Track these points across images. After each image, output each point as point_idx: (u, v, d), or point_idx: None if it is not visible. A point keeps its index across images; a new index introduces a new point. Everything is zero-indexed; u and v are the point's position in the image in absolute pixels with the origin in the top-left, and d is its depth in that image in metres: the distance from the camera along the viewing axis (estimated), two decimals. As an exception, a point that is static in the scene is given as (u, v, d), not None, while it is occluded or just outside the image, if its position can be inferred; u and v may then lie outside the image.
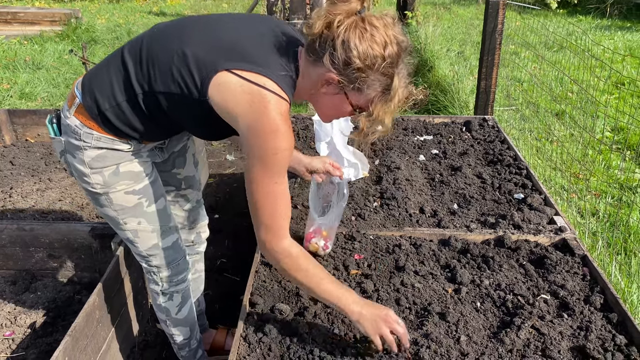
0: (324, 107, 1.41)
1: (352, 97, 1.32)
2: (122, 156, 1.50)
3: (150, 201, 1.59)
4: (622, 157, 3.83)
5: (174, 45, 1.36)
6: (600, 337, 1.59)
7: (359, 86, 1.29)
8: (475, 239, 2.06)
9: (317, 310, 1.70)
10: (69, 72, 6.18)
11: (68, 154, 1.51)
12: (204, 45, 1.33)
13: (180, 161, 1.79)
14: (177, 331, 1.82)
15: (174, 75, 1.33)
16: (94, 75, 1.48)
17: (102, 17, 9.72)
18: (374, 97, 1.31)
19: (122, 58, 1.43)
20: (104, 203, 1.55)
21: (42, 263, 2.25)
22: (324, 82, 1.31)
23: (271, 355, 1.55)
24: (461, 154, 2.80)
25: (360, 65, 1.24)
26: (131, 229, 1.60)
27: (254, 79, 1.26)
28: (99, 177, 1.50)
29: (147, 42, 1.41)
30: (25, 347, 1.98)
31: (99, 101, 1.43)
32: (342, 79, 1.28)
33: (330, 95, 1.35)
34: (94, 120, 1.44)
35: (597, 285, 1.80)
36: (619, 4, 9.41)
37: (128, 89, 1.41)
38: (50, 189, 2.86)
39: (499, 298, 1.76)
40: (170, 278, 1.73)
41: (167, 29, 1.44)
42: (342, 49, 1.24)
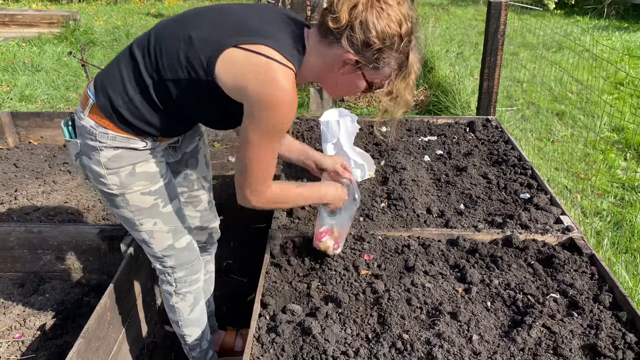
0: (338, 85, 1.42)
1: (369, 75, 1.35)
2: (138, 156, 1.50)
3: (165, 202, 1.60)
4: (623, 157, 3.86)
5: (180, 32, 1.37)
6: (611, 335, 1.60)
7: (377, 65, 1.32)
8: (483, 238, 2.07)
9: (329, 310, 1.70)
10: (68, 75, 6.17)
11: (84, 155, 1.51)
12: (208, 28, 1.34)
13: (193, 162, 1.80)
14: (188, 332, 1.83)
15: (180, 60, 1.34)
16: (106, 74, 1.49)
17: (100, 19, 9.71)
18: (390, 74, 1.34)
19: (130, 52, 1.45)
20: (120, 204, 1.55)
21: (50, 265, 2.25)
22: (341, 64, 1.33)
23: (284, 355, 1.55)
24: (466, 155, 2.81)
25: (380, 46, 1.27)
26: (147, 230, 1.61)
27: (259, 50, 1.28)
28: (115, 177, 1.50)
29: (155, 33, 1.43)
30: (35, 349, 1.98)
31: (112, 98, 1.44)
32: (360, 59, 1.31)
33: (347, 75, 1.37)
34: (109, 119, 1.45)
35: (606, 284, 1.82)
36: (616, 4, 9.46)
37: (139, 82, 1.42)
38: (56, 191, 2.86)
39: (509, 297, 1.77)
40: (184, 278, 1.74)
41: (173, 20, 1.46)
42: (360, 30, 1.27)
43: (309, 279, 1.87)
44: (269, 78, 1.26)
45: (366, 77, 1.36)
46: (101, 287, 2.25)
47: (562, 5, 9.71)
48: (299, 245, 2.05)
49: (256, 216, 3.17)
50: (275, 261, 1.97)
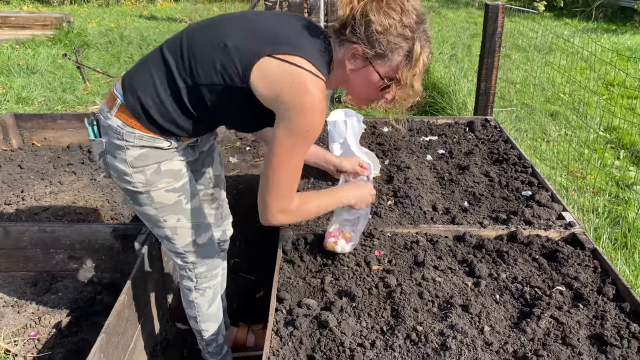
0: (356, 86, 1.47)
1: (378, 66, 1.40)
2: (163, 155, 1.54)
3: (188, 198, 1.64)
4: (616, 156, 3.95)
5: (214, 38, 1.42)
6: (616, 325, 1.66)
7: (382, 51, 1.37)
8: (489, 234, 2.13)
9: (343, 304, 1.75)
10: (64, 77, 6.17)
11: (108, 154, 1.54)
12: (243, 36, 1.40)
13: (209, 160, 1.84)
14: (206, 327, 1.87)
15: (216, 66, 1.39)
16: (134, 75, 1.53)
17: (93, 21, 9.69)
18: (399, 64, 1.38)
19: (162, 55, 1.48)
20: (144, 202, 1.59)
21: (63, 264, 2.28)
22: (349, 57, 1.40)
23: (302, 348, 1.60)
24: (467, 154, 2.88)
25: (379, 28, 1.34)
26: (170, 226, 1.64)
27: (292, 60, 1.34)
28: (141, 176, 1.53)
29: (187, 38, 1.47)
30: (51, 347, 2.01)
31: (142, 99, 1.47)
32: (365, 49, 1.37)
33: (358, 71, 1.42)
34: (137, 119, 1.49)
35: (608, 276, 1.89)
36: (604, 7, 9.63)
37: (171, 85, 1.46)
38: (63, 191, 2.88)
39: (516, 290, 1.83)
40: (205, 274, 1.78)
41: (204, 26, 1.50)
42: (361, 19, 1.35)
43: (322, 274, 1.92)
44: (302, 87, 1.33)
45: (376, 69, 1.40)
46: (114, 285, 2.28)
47: (552, 8, 9.87)
48: (310, 242, 2.10)
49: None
50: (288, 258, 2.01)
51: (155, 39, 8.08)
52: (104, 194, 2.89)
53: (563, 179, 3.53)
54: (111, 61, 7.01)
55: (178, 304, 2.46)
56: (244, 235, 3.00)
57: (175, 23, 9.42)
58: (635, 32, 8.23)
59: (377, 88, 1.45)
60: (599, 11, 9.47)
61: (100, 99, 5.59)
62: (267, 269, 2.59)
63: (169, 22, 9.66)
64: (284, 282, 1.88)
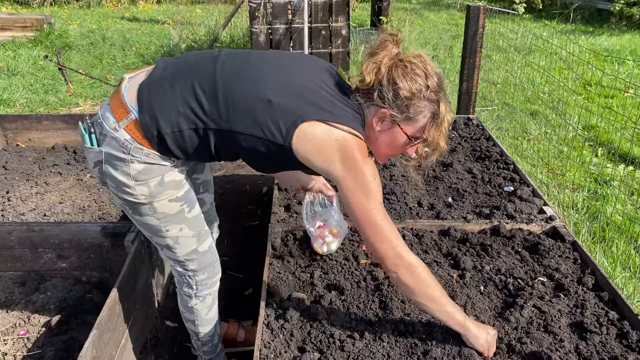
0: (382, 145, 1.52)
1: (406, 127, 1.46)
2: (166, 169, 1.52)
3: (190, 207, 1.62)
4: (594, 153, 4.05)
5: (255, 89, 1.42)
6: (595, 313, 1.73)
7: (410, 115, 1.43)
8: (473, 228, 2.19)
9: (333, 297, 1.79)
10: (46, 78, 6.12)
11: (107, 164, 1.49)
12: (285, 94, 1.42)
13: (200, 167, 1.86)
14: (203, 330, 1.87)
15: (257, 120, 1.40)
16: (156, 95, 1.45)
17: (74, 22, 9.60)
18: (425, 124, 1.45)
19: (193, 89, 1.43)
20: (146, 212, 1.55)
21: (51, 264, 2.28)
22: (378, 120, 1.46)
23: (293, 340, 1.63)
24: (450, 151, 2.94)
25: (407, 94, 1.40)
26: (172, 236, 1.62)
27: (336, 126, 1.39)
28: (144, 188, 1.50)
29: (223, 80, 1.43)
30: (41, 345, 2.01)
31: (161, 124, 1.43)
32: (393, 112, 1.43)
33: (386, 131, 1.48)
34: (148, 140, 1.45)
35: (588, 267, 1.95)
36: (582, 9, 9.81)
37: (197, 121, 1.43)
38: (49, 192, 2.87)
39: (500, 282, 1.89)
40: (205, 281, 1.77)
41: (240, 69, 1.47)
42: (388, 85, 1.41)
43: (311, 269, 1.96)
44: (350, 150, 1.39)
45: (404, 130, 1.46)
46: (103, 284, 2.29)
47: (531, 10, 10.03)
48: (299, 238, 2.14)
49: (249, 214, 3.23)
50: (278, 253, 2.05)
51: (137, 41, 8.04)
52: (91, 193, 2.89)
53: (543, 176, 3.61)
54: (94, 63, 6.96)
55: (167, 302, 2.48)
56: (232, 234, 3.02)
57: (158, 25, 9.37)
58: (612, 33, 8.41)
59: (402, 146, 1.51)
60: (577, 13, 9.64)
61: (84, 100, 5.56)
62: (256, 267, 2.61)
63: (152, 23, 9.60)
64: (274, 277, 1.91)
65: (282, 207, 2.35)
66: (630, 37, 8.23)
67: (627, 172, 3.68)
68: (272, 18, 5.20)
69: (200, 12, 10.22)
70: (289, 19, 5.22)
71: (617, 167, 3.71)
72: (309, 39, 5.23)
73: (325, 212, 2.03)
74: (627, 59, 6.59)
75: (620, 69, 6.34)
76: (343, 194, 1.44)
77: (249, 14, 5.21)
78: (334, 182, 1.47)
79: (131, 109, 1.45)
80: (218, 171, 3.95)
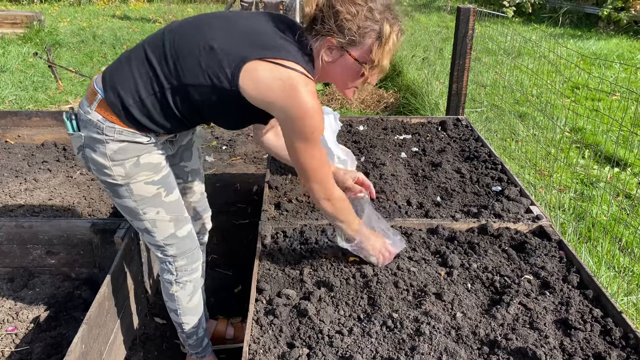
0: (338, 76, 1.54)
1: (353, 52, 1.47)
2: (142, 148, 1.57)
3: (168, 191, 1.66)
4: (581, 155, 4.11)
5: (199, 40, 1.45)
6: (579, 310, 1.76)
7: (354, 38, 1.44)
8: (461, 227, 2.22)
9: (322, 294, 1.81)
10: (35, 75, 6.08)
11: (87, 148, 1.56)
12: (227, 38, 1.44)
13: (187, 154, 1.87)
14: (186, 320, 1.89)
15: (202, 67, 1.43)
16: (115, 72, 1.54)
17: (64, 20, 9.55)
18: (371, 46, 1.45)
19: (144, 54, 1.50)
20: (123, 194, 1.61)
21: (40, 260, 2.27)
22: (326, 50, 1.47)
23: (282, 336, 1.65)
24: (439, 151, 2.97)
25: (348, 16, 1.41)
26: (150, 219, 1.66)
27: (280, 63, 1.40)
28: (120, 169, 1.56)
29: (169, 38, 1.49)
30: (30, 342, 2.01)
31: (123, 97, 1.49)
32: (338, 39, 1.44)
33: (337, 62, 1.49)
34: (117, 115, 1.51)
35: (573, 266, 1.99)
36: (570, 13, 9.93)
37: (154, 84, 1.48)
38: (39, 188, 2.86)
39: (487, 279, 1.91)
40: (185, 267, 1.80)
41: (186, 25, 1.53)
42: (329, 11, 1.43)
43: (300, 266, 1.97)
44: (293, 90, 1.40)
45: (352, 55, 1.47)
46: (92, 280, 2.29)
47: (520, 14, 10.13)
48: (289, 235, 2.15)
49: (239, 213, 3.24)
50: (267, 250, 2.06)
51: (128, 39, 8.02)
52: (81, 190, 2.88)
53: (531, 177, 3.66)
54: (84, 60, 6.93)
55: (156, 299, 2.48)
56: (221, 231, 3.03)
57: (149, 23, 9.34)
58: (600, 37, 8.52)
59: (357, 73, 1.51)
60: (566, 17, 9.75)
61: (74, 98, 5.53)
62: (245, 265, 2.63)
63: (143, 22, 9.58)
64: (263, 274, 1.92)
65: (273, 204, 2.36)
66: (618, 41, 8.34)
67: (612, 173, 3.74)
68: (264, 18, 5.21)
69: (192, 11, 10.21)
70: (281, 19, 5.23)
71: (603, 168, 3.76)
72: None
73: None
74: (615, 62, 6.67)
75: (607, 73, 6.42)
76: (284, 131, 1.48)
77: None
78: (278, 121, 1.49)
79: (98, 90, 1.54)
80: (208, 169, 3.96)
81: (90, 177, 3.05)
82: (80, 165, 3.15)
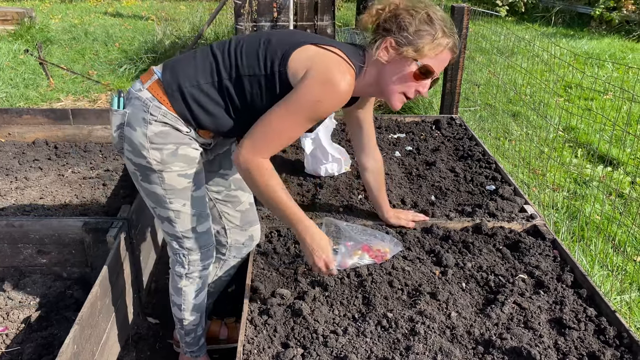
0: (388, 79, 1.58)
1: (408, 52, 1.53)
2: (182, 138, 1.60)
3: (197, 187, 1.69)
4: (573, 154, 4.12)
5: (260, 37, 1.59)
6: (574, 310, 1.76)
7: (411, 38, 1.52)
8: (455, 226, 2.21)
9: (316, 294, 1.80)
10: (27, 72, 6.02)
11: (128, 126, 1.59)
12: (286, 36, 1.58)
13: (227, 162, 1.88)
14: (188, 316, 1.88)
15: (259, 56, 1.53)
16: (178, 60, 1.63)
17: (55, 17, 9.47)
18: (425, 49, 1.53)
19: (210, 49, 1.61)
20: (155, 180, 1.63)
21: (31, 259, 2.25)
22: (383, 49, 1.54)
23: (277, 336, 1.64)
24: (433, 150, 2.96)
25: (408, 18, 1.51)
26: (175, 209, 1.68)
27: (328, 49, 1.51)
28: (157, 153, 1.58)
29: (235, 40, 1.62)
30: (20, 342, 1.98)
31: (180, 79, 1.57)
32: (396, 38, 1.52)
33: (393, 62, 1.55)
34: (168, 96, 1.56)
35: (567, 265, 1.99)
36: (563, 13, 9.96)
37: (213, 74, 1.57)
38: (30, 187, 2.83)
39: (481, 278, 1.91)
40: (198, 262, 1.81)
41: (249, 35, 1.66)
42: (390, 17, 1.54)
43: (295, 265, 1.96)
44: (330, 64, 1.48)
45: (407, 55, 1.53)
46: (84, 280, 2.27)
47: (513, 13, 10.15)
48: (283, 234, 2.14)
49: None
50: (262, 250, 2.05)
51: (121, 36, 7.96)
52: (72, 189, 2.86)
53: (525, 176, 3.66)
54: (76, 58, 6.88)
55: (149, 298, 2.46)
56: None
57: (142, 21, 9.28)
58: (592, 37, 8.55)
59: (408, 76, 1.56)
60: (558, 17, 9.78)
61: (65, 95, 5.48)
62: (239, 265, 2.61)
63: (135, 19, 9.52)
64: (257, 273, 1.91)
65: (266, 203, 2.34)
66: (610, 41, 8.38)
67: (605, 172, 3.75)
68: (258, 15, 5.19)
69: (185, 8, 10.15)
70: (275, 17, 5.21)
71: (596, 167, 3.78)
72: (294, 37, 5.22)
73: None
74: (606, 60, 6.70)
75: (600, 72, 6.45)
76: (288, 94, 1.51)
77: (234, 11, 5.19)
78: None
79: (156, 72, 1.61)
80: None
81: (82, 175, 3.02)
82: (69, 165, 3.11)
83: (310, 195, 2.45)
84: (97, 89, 5.68)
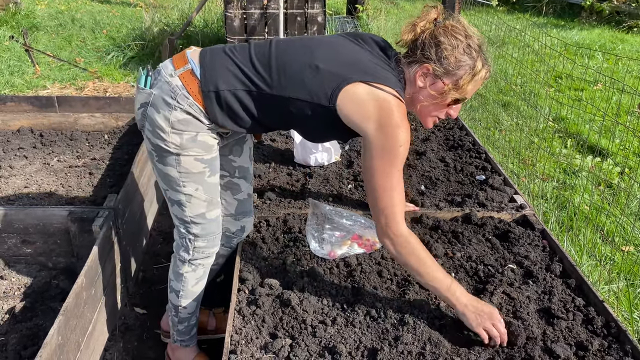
0: (424, 103, 1.59)
1: (446, 80, 1.54)
2: (202, 127, 1.60)
3: (212, 172, 1.69)
4: (563, 144, 4.13)
5: (305, 58, 1.55)
6: (562, 299, 1.76)
7: (450, 69, 1.52)
8: (445, 216, 2.21)
9: (305, 284, 1.78)
10: (12, 59, 5.92)
11: (152, 107, 1.58)
12: (332, 62, 1.54)
13: (237, 150, 1.87)
14: (185, 304, 1.86)
15: (306, 85, 1.52)
16: (217, 56, 1.60)
17: (42, 3, 9.30)
18: (462, 78, 1.54)
19: (250, 57, 1.58)
20: (171, 163, 1.62)
21: (15, 249, 2.21)
22: (421, 75, 1.55)
23: (265, 326, 1.62)
24: (424, 140, 2.95)
25: (448, 47, 1.50)
26: (187, 193, 1.67)
27: (378, 86, 1.48)
28: (177, 137, 1.58)
29: (275, 52, 1.58)
30: (5, 333, 1.96)
31: (219, 82, 1.55)
32: (435, 67, 1.52)
33: (429, 87, 1.56)
34: (203, 94, 1.55)
35: (556, 255, 1.99)
36: (554, 3, 9.95)
37: (250, 84, 1.55)
38: (14, 176, 2.78)
39: (471, 268, 1.91)
40: (203, 249, 1.79)
41: (292, 44, 1.62)
42: (430, 41, 1.51)
43: (283, 255, 1.94)
44: (388, 109, 1.47)
45: (445, 83, 1.54)
46: (70, 270, 2.24)
47: (505, 2, 10.13)
48: (272, 224, 2.12)
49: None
50: (250, 240, 2.03)
51: (108, 23, 7.84)
52: (58, 178, 2.81)
53: (514, 166, 3.66)
54: (62, 44, 6.76)
55: (136, 288, 2.44)
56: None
57: (130, 8, 9.15)
58: (582, 28, 8.55)
59: (443, 102, 1.58)
60: (549, 7, 9.77)
61: (52, 83, 5.40)
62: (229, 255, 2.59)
63: (123, 6, 9.38)
64: (246, 263, 1.90)
65: (256, 193, 2.32)
66: (600, 31, 8.39)
67: (594, 163, 3.76)
68: (247, 3, 5.13)
69: (174, -5, 10.00)
70: (264, 4, 5.15)
71: (585, 158, 3.78)
72: (284, 24, 5.17)
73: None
74: (596, 50, 6.71)
75: (590, 63, 6.46)
76: (367, 150, 1.52)
77: (224, -2, 5.13)
78: (365, 141, 1.53)
79: (191, 63, 1.59)
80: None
81: (68, 164, 2.97)
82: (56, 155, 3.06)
83: (299, 184, 2.43)
84: (84, 77, 5.60)
